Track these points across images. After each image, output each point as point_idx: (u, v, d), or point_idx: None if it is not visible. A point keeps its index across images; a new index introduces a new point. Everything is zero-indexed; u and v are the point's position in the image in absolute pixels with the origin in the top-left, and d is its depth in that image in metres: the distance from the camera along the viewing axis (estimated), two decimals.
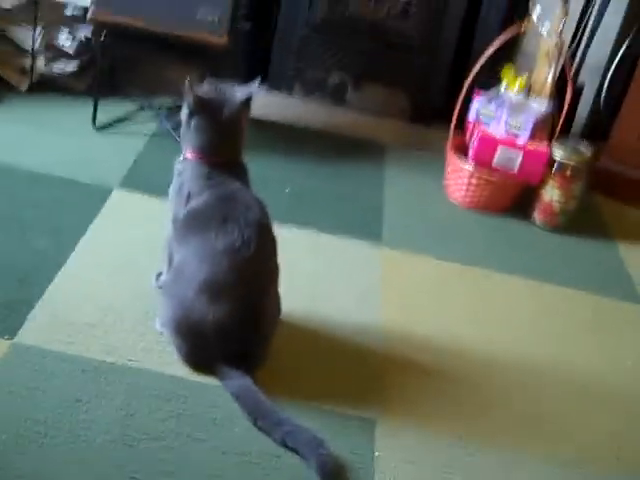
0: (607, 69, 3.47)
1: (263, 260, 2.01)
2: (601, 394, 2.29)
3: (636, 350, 2.50)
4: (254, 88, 2.05)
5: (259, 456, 1.82)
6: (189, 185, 2.03)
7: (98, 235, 2.48)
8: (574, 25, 3.33)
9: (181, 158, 2.10)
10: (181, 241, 2.02)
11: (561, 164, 3.01)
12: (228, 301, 1.94)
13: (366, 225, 2.88)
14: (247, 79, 2.07)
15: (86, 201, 2.64)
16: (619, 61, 3.43)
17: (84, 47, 3.29)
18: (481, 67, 3.04)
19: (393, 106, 3.64)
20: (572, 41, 3.35)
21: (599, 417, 2.20)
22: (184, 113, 2.04)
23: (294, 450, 1.83)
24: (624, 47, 3.43)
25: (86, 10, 3.08)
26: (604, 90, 3.49)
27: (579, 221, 3.13)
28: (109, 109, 3.22)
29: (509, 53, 3.45)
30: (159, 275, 2.22)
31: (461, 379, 2.22)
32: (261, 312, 2.01)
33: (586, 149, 3.06)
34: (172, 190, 2.10)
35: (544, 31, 3.03)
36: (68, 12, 3.24)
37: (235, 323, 1.95)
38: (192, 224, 2.00)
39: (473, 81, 3.09)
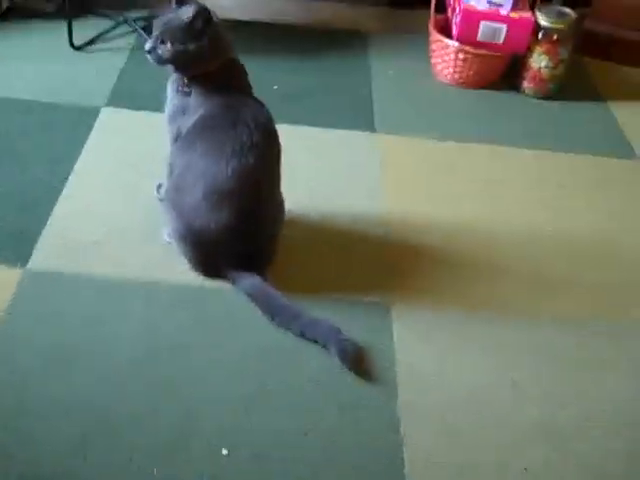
0: None
1: (269, 163, 2.00)
2: (610, 251, 2.32)
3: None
4: None
5: (280, 351, 1.87)
6: (194, 100, 1.99)
7: (93, 155, 2.47)
8: None
9: (174, 77, 2.03)
10: (187, 149, 1.98)
11: (547, 30, 2.97)
12: (229, 207, 1.94)
13: (358, 114, 2.86)
14: None
15: (76, 123, 2.62)
16: None
17: None
18: None
19: None
20: None
21: (609, 274, 2.24)
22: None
23: (314, 341, 1.87)
24: None
25: None
26: None
27: (569, 86, 3.12)
28: (84, 29, 3.15)
29: None
30: (159, 187, 2.22)
31: (469, 256, 2.24)
32: (264, 215, 2.01)
33: (570, 12, 3.02)
34: (171, 109, 2.04)
35: None
36: None
37: (237, 228, 1.96)
38: (200, 131, 1.96)
39: None
